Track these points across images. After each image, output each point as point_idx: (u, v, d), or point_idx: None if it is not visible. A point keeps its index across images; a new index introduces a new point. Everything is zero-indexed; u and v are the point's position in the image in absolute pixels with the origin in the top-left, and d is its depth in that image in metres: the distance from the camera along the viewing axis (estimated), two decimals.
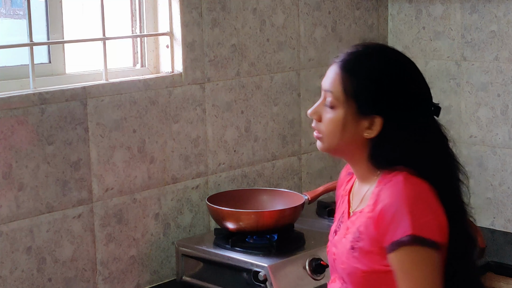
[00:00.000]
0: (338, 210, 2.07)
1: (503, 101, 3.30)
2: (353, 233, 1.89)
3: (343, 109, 1.89)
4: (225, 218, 2.70)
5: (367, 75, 1.89)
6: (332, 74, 1.92)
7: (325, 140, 1.94)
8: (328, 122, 1.92)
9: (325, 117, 1.93)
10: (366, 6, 3.53)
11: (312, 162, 3.35)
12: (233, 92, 3.02)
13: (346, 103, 1.89)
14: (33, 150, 2.46)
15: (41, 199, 2.49)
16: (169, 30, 2.86)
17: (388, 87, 1.87)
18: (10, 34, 2.73)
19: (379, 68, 1.89)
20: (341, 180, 2.13)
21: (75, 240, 2.59)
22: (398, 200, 1.80)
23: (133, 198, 2.74)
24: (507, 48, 3.27)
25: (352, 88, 1.89)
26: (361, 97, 1.88)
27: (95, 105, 2.61)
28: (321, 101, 1.94)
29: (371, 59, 1.91)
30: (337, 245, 1.96)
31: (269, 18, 3.12)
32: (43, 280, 2.52)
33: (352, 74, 1.89)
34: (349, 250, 1.89)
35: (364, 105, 1.88)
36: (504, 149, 3.30)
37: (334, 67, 1.93)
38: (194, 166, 2.91)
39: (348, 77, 1.89)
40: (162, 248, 2.83)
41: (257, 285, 2.56)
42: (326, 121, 1.92)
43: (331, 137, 1.92)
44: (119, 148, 2.68)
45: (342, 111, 1.90)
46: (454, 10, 3.41)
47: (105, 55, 2.70)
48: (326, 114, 1.92)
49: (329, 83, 1.92)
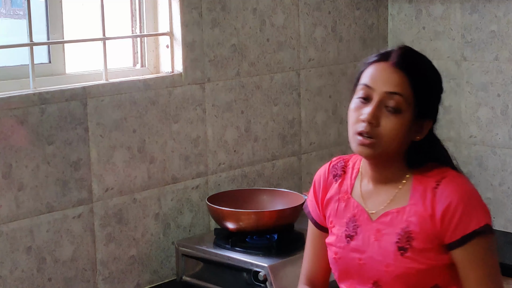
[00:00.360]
0: (338, 214, 2.00)
1: (503, 101, 3.30)
2: (396, 234, 1.87)
3: (409, 113, 1.86)
4: (225, 218, 2.70)
5: (433, 79, 1.91)
6: (395, 76, 1.86)
7: (381, 145, 1.86)
8: (391, 126, 1.85)
9: (385, 122, 1.85)
10: (366, 6, 3.53)
11: (312, 162, 3.35)
12: (233, 92, 3.02)
13: (412, 107, 1.86)
14: (33, 150, 2.46)
15: (41, 199, 2.49)
16: (169, 30, 2.86)
17: (441, 92, 1.94)
18: (10, 34, 2.73)
19: (436, 71, 1.93)
20: (324, 184, 2.05)
21: (75, 240, 2.59)
22: (465, 194, 1.85)
23: (133, 198, 2.74)
24: (507, 48, 3.27)
25: (422, 92, 1.87)
26: (426, 101, 1.88)
27: (95, 105, 2.61)
28: (376, 104, 1.85)
29: (429, 63, 1.93)
30: (366, 249, 1.91)
31: (269, 18, 3.12)
32: (43, 280, 2.52)
33: (422, 78, 1.87)
34: (396, 251, 1.86)
35: (425, 109, 1.88)
36: (504, 149, 3.30)
37: (391, 68, 1.87)
38: (194, 166, 2.91)
39: (418, 81, 1.86)
40: (162, 248, 2.83)
41: (257, 285, 2.56)
42: (389, 125, 1.85)
43: (390, 142, 1.86)
44: (119, 148, 2.68)
45: (409, 115, 1.86)
46: (454, 10, 3.41)
47: (105, 55, 2.70)
48: (386, 118, 1.85)
49: (395, 85, 1.86)
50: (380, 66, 1.89)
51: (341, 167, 2.05)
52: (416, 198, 1.88)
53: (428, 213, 1.85)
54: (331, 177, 2.05)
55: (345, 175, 2.03)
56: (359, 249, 1.93)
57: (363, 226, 1.94)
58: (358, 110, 1.89)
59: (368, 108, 1.86)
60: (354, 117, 1.89)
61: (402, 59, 1.88)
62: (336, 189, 2.03)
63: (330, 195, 2.03)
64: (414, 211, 1.87)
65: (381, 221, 1.91)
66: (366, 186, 1.98)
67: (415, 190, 1.89)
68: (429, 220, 1.85)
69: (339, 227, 1.99)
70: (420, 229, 1.85)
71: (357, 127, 1.87)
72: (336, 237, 1.98)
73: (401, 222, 1.88)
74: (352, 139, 1.89)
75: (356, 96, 1.91)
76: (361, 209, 1.96)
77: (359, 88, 1.91)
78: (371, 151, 1.86)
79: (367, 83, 1.89)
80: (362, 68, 1.95)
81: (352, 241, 1.94)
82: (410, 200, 1.88)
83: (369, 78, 1.89)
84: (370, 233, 1.92)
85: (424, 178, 1.89)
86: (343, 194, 2.01)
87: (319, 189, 2.07)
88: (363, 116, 1.86)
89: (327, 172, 2.06)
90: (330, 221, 2.02)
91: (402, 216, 1.88)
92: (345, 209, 1.99)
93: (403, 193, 1.90)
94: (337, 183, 2.03)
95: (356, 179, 2.01)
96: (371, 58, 1.94)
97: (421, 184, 1.89)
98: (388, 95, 1.85)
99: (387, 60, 1.89)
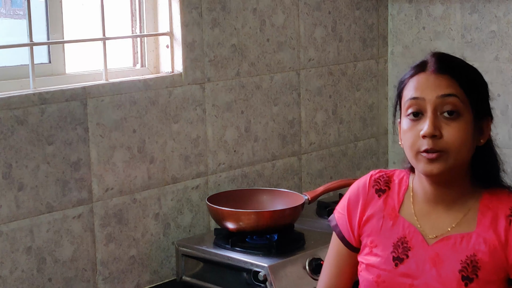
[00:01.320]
0: (382, 233, 1.85)
1: (503, 101, 3.30)
2: (460, 261, 1.74)
3: (468, 115, 1.74)
4: (225, 218, 2.70)
5: (477, 74, 1.81)
6: (442, 80, 1.75)
7: (451, 157, 1.72)
8: (456, 134, 1.71)
9: (448, 131, 1.72)
10: (366, 6, 3.53)
11: (312, 162, 3.35)
12: (233, 92, 3.02)
13: (468, 107, 1.74)
14: (33, 150, 2.46)
15: (41, 199, 2.49)
16: (169, 30, 2.86)
17: (487, 86, 1.83)
18: (10, 34, 2.73)
19: (474, 68, 1.83)
20: (364, 199, 1.90)
21: (75, 240, 2.59)
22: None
23: (133, 198, 2.74)
24: (507, 48, 3.27)
25: (473, 90, 1.76)
26: (479, 98, 1.77)
27: (95, 105, 2.61)
28: (433, 114, 1.72)
29: (464, 61, 1.83)
30: (420, 275, 1.77)
31: (269, 18, 3.12)
32: (43, 280, 2.52)
33: (467, 77, 1.77)
34: (460, 281, 1.73)
35: (481, 107, 1.78)
36: (504, 149, 3.28)
37: (434, 75, 1.76)
38: (194, 166, 2.91)
39: (465, 80, 1.75)
40: (162, 248, 2.83)
41: (257, 285, 2.56)
42: (453, 133, 1.71)
43: (458, 152, 1.73)
44: (119, 148, 2.68)
45: (468, 117, 1.74)
46: (454, 10, 3.41)
47: (105, 55, 2.70)
48: (448, 126, 1.72)
49: (446, 88, 1.73)
50: (421, 77, 1.77)
51: (384, 181, 1.90)
52: (485, 224, 1.76)
53: (501, 242, 1.74)
54: (372, 191, 1.90)
55: (390, 191, 1.88)
56: (411, 275, 1.78)
57: (417, 250, 1.79)
58: (412, 129, 1.75)
59: (424, 122, 1.73)
60: (410, 138, 1.75)
61: (441, 64, 1.77)
62: (380, 205, 1.87)
63: (372, 211, 1.88)
64: (484, 238, 1.75)
65: (441, 246, 1.77)
66: (421, 206, 1.83)
67: (483, 215, 1.77)
68: (501, 250, 1.73)
69: (383, 248, 1.84)
70: (490, 259, 1.73)
71: (419, 147, 1.73)
72: (381, 259, 1.83)
73: (466, 249, 1.75)
74: (416, 159, 1.75)
75: (405, 115, 1.78)
76: (414, 230, 1.81)
77: (406, 105, 1.77)
78: (442, 165, 1.72)
79: (414, 95, 1.75)
80: (400, 87, 1.83)
81: (402, 264, 1.80)
82: (478, 225, 1.76)
83: (414, 90, 1.76)
84: (425, 258, 1.78)
85: (494, 202, 1.78)
86: (389, 211, 1.86)
87: (356, 203, 1.91)
88: (423, 131, 1.71)
89: (368, 185, 1.91)
90: (371, 240, 1.87)
91: (468, 242, 1.76)
92: (392, 228, 1.84)
93: (469, 217, 1.78)
94: (381, 199, 1.88)
95: (405, 196, 1.87)
96: (407, 74, 1.82)
97: (491, 209, 1.77)
98: (442, 99, 1.73)
99: (425, 71, 1.77)
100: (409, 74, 1.80)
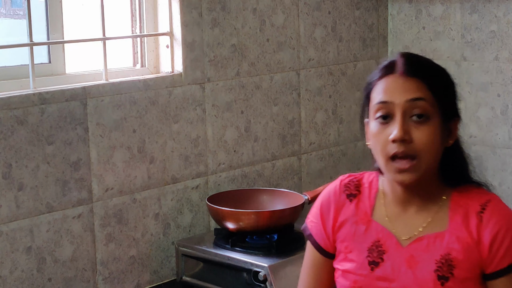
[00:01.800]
0: (356, 238, 1.83)
1: (503, 101, 3.30)
2: (435, 261, 1.74)
3: (437, 117, 1.72)
4: (225, 218, 2.70)
5: (445, 75, 1.80)
6: (410, 83, 1.72)
7: (422, 164, 1.70)
8: (426, 137, 1.70)
9: (417, 134, 1.70)
10: (366, 6, 3.53)
11: (312, 162, 3.35)
12: (233, 92, 3.02)
13: (437, 109, 1.72)
14: (33, 150, 2.46)
15: (41, 199, 2.49)
16: (169, 30, 2.86)
17: (455, 86, 1.82)
18: (10, 34, 2.73)
19: (442, 68, 1.82)
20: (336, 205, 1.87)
21: (75, 240, 2.59)
22: (511, 222, 1.75)
23: (133, 198, 2.74)
24: (507, 48, 3.27)
25: (441, 92, 1.74)
26: (447, 99, 1.76)
27: (95, 105, 2.61)
28: (402, 117, 1.70)
29: (432, 61, 1.82)
30: (396, 278, 1.76)
31: (269, 18, 3.12)
32: (43, 280, 2.52)
33: (435, 78, 1.76)
34: (436, 281, 1.72)
35: (448, 108, 1.76)
36: (504, 149, 3.30)
37: (402, 77, 1.73)
38: (194, 166, 2.91)
39: (433, 82, 1.74)
40: (162, 248, 2.83)
41: (257, 285, 2.56)
42: (423, 137, 1.70)
43: (430, 155, 1.71)
44: (119, 148, 2.68)
45: (437, 120, 1.72)
46: (454, 10, 3.41)
47: (105, 55, 2.70)
48: (417, 130, 1.70)
49: (415, 91, 1.71)
50: (390, 79, 1.74)
51: (354, 186, 1.88)
52: (457, 222, 1.76)
53: (473, 239, 1.73)
54: (343, 197, 1.87)
55: (360, 195, 1.86)
56: (387, 278, 1.77)
57: (391, 253, 1.78)
58: (381, 133, 1.73)
59: (393, 126, 1.71)
60: (380, 142, 1.73)
61: (409, 66, 1.75)
62: (352, 210, 1.85)
63: (345, 217, 1.86)
64: (457, 236, 1.74)
65: (415, 247, 1.76)
66: (392, 208, 1.82)
67: (454, 213, 1.77)
68: (475, 248, 1.73)
69: (358, 253, 1.82)
70: (464, 256, 1.73)
71: (388, 151, 1.71)
72: (356, 264, 1.81)
73: (440, 248, 1.74)
74: (387, 167, 1.73)
75: (373, 118, 1.75)
76: (387, 234, 1.80)
77: (375, 108, 1.75)
78: (414, 175, 1.71)
79: (383, 99, 1.73)
80: (369, 88, 1.80)
81: (378, 268, 1.78)
82: (450, 224, 1.76)
83: (383, 94, 1.74)
84: (401, 260, 1.77)
85: (463, 200, 1.78)
86: (362, 216, 1.84)
87: (328, 209, 1.88)
88: (392, 136, 1.69)
89: (339, 191, 1.89)
90: (345, 246, 1.85)
91: (442, 242, 1.75)
92: (365, 233, 1.82)
93: (440, 217, 1.77)
94: (353, 204, 1.86)
95: (375, 199, 1.85)
96: (374, 75, 1.79)
97: (461, 207, 1.77)
98: (411, 103, 1.70)
99: (393, 72, 1.75)
100: (378, 76, 1.77)
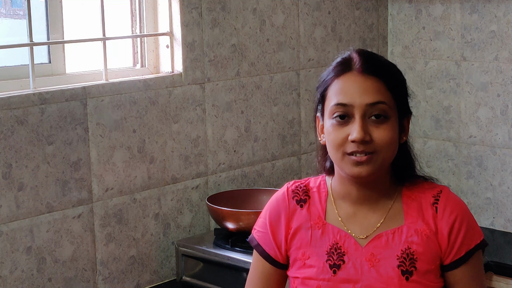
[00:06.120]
0: (313, 243, 1.80)
1: (503, 101, 3.30)
2: (396, 257, 1.73)
3: (394, 116, 1.73)
4: (225, 218, 2.70)
5: (398, 73, 1.79)
6: (369, 83, 1.71)
7: (380, 158, 1.70)
8: (385, 136, 1.70)
9: (377, 134, 1.69)
10: (366, 6, 3.53)
11: (312, 162, 3.35)
12: (233, 92, 3.02)
13: (394, 109, 1.73)
14: (33, 150, 2.46)
15: (41, 199, 2.49)
16: (169, 30, 2.86)
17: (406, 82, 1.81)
18: (10, 34, 2.73)
19: (393, 64, 1.81)
20: (286, 212, 1.83)
21: (75, 240, 2.59)
22: (466, 208, 1.77)
23: (133, 198, 2.74)
24: (507, 48, 3.27)
25: (398, 91, 1.74)
26: (403, 98, 1.77)
27: (95, 105, 2.61)
28: (361, 120, 1.69)
29: (384, 57, 1.82)
30: (360, 278, 1.74)
31: (269, 18, 3.13)
32: (43, 280, 2.52)
33: (392, 76, 1.75)
34: (400, 276, 1.72)
35: (403, 107, 1.76)
36: (504, 149, 3.30)
37: (361, 76, 1.71)
38: (194, 166, 2.91)
39: (391, 81, 1.73)
40: (162, 248, 2.83)
41: None
42: (383, 136, 1.70)
43: (389, 152, 1.72)
44: (119, 148, 2.68)
45: (395, 118, 1.73)
46: (454, 10, 3.41)
47: (105, 55, 2.70)
48: (377, 129, 1.70)
49: (374, 94, 1.70)
50: (347, 78, 1.72)
51: (303, 191, 1.85)
52: (413, 215, 1.76)
53: (432, 230, 1.75)
54: (293, 203, 1.84)
55: (310, 199, 1.83)
56: (351, 279, 1.75)
57: (352, 253, 1.76)
58: (339, 131, 1.71)
59: (352, 126, 1.70)
60: (337, 139, 1.71)
61: (367, 64, 1.73)
62: (305, 216, 1.82)
63: (298, 224, 1.82)
64: (415, 229, 1.75)
65: (375, 245, 1.75)
66: (345, 209, 1.80)
67: (408, 207, 1.77)
68: (434, 238, 1.74)
69: (317, 258, 1.79)
70: (424, 248, 1.73)
71: (345, 149, 1.70)
72: (317, 269, 1.78)
73: (400, 243, 1.74)
74: (342, 161, 1.72)
75: (330, 116, 1.73)
76: (345, 235, 1.78)
77: (332, 109, 1.72)
78: (371, 167, 1.70)
79: (342, 101, 1.71)
80: (325, 86, 1.77)
81: (340, 271, 1.76)
82: (405, 218, 1.76)
83: (341, 95, 1.71)
84: (362, 259, 1.75)
85: (415, 193, 1.78)
86: (315, 220, 1.81)
87: (278, 218, 1.84)
88: (353, 136, 1.68)
89: (287, 198, 1.85)
90: (302, 253, 1.81)
91: (400, 236, 1.75)
92: (322, 236, 1.79)
93: (395, 212, 1.77)
94: (304, 209, 1.83)
95: (326, 202, 1.83)
96: (330, 73, 1.76)
97: (414, 200, 1.77)
98: (370, 107, 1.69)
99: (351, 70, 1.73)
100: (334, 73, 1.75)
